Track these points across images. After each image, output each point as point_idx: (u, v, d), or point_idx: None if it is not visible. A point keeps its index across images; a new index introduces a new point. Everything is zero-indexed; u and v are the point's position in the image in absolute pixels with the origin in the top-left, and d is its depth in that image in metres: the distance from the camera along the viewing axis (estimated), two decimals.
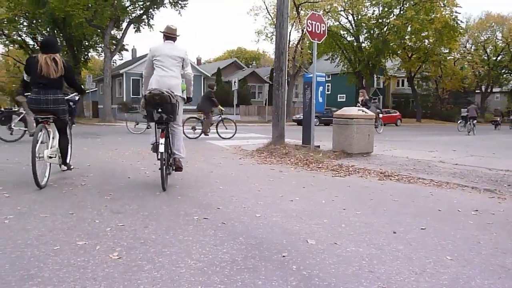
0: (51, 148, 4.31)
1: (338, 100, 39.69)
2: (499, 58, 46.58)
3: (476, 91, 49.92)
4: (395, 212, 3.47)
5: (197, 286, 1.94)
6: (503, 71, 48.21)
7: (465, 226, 3.08)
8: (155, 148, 4.47)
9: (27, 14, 26.97)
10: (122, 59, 38.02)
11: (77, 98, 5.40)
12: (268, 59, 58.47)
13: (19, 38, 31.89)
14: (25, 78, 4.38)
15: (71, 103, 5.09)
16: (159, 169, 4.10)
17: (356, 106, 10.78)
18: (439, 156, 7.43)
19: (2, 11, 27.44)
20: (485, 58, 46.29)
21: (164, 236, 2.67)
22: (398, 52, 35.57)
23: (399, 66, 40.52)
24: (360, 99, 16.10)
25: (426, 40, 33.86)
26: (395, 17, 31.70)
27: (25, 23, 29.78)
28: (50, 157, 4.24)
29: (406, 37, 33.17)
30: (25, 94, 5.48)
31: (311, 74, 7.90)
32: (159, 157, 4.10)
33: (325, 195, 4.13)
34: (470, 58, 44.91)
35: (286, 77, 8.29)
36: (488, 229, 3.00)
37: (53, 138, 4.43)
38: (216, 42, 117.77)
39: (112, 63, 28.47)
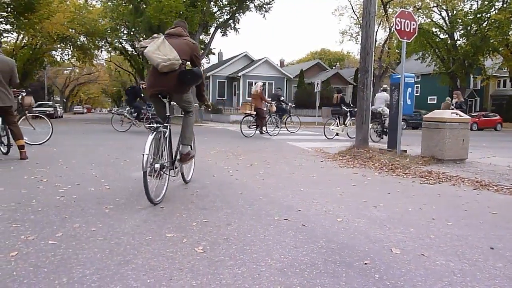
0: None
1: (428, 102, 37.23)
2: None
3: None
4: (493, 226, 3.15)
5: (277, 286, 1.96)
6: None
7: None
8: None
9: (127, 23, 29.59)
10: (209, 63, 39.89)
11: None
12: (352, 60, 56.99)
13: (119, 45, 35.19)
14: None
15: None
16: None
17: (450, 109, 10.01)
18: None
19: (106, 21, 30.55)
20: None
21: (245, 234, 2.74)
22: (500, 49, 32.18)
23: (500, 64, 36.65)
24: (454, 101, 14.91)
25: None
26: (497, 11, 28.78)
27: (125, 32, 32.74)
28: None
29: (510, 33, 29.89)
30: None
31: (399, 75, 7.52)
32: None
33: (412, 203, 3.90)
34: None
35: (372, 78, 7.99)
36: None
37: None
38: (300, 44, 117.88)
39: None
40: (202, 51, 27.43)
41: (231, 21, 26.65)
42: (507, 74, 38.17)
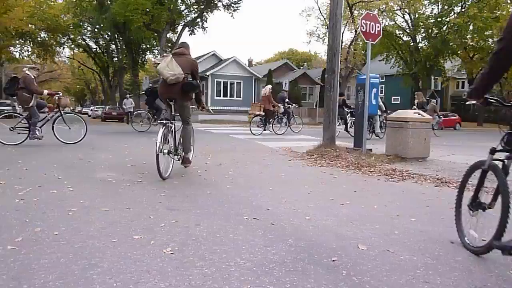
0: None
1: (392, 102, 38.35)
2: None
3: None
4: (453, 221, 3.28)
5: (247, 285, 1.96)
6: None
7: None
8: None
9: (91, 19, 28.77)
10: None
11: None
12: (319, 61, 57.84)
13: (83, 42, 34.12)
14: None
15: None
16: None
17: (412, 109, 10.37)
18: None
19: (69, 17, 29.55)
20: None
21: (215, 234, 2.73)
22: (459, 52, 33.64)
23: (459, 67, 38.34)
24: (416, 101, 15.48)
25: (490, 39, 31.76)
26: (456, 15, 30.06)
27: (88, 28, 31.83)
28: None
29: (468, 37, 31.27)
30: None
31: (365, 75, 7.71)
32: None
33: (378, 200, 4.01)
34: None
35: (338, 79, 8.15)
36: None
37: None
38: (268, 44, 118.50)
39: None
40: (169, 49, 27.08)
41: (199, 19, 26.46)
42: (465, 76, 40.00)
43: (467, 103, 2.67)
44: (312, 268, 2.20)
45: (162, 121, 4.87)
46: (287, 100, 14.69)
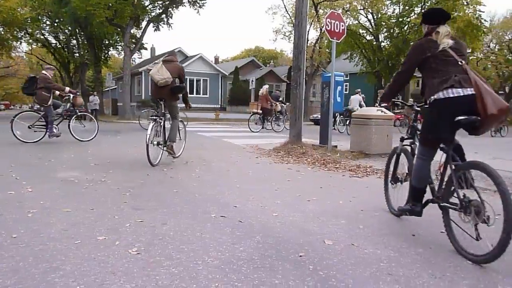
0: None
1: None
2: None
3: (500, 92, 48.64)
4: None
5: (215, 283, 1.96)
6: None
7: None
8: None
9: (49, 13, 27.59)
10: (141, 58, 38.57)
11: None
12: (286, 58, 58.30)
13: (42, 37, 32.67)
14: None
15: None
16: None
17: (375, 106, 10.69)
18: (468, 158, 7.28)
19: (26, 11, 28.20)
20: (510, 58, 45.08)
21: (182, 233, 2.70)
22: None
23: None
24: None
25: None
26: (416, 15, 31.15)
27: (47, 22, 30.49)
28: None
29: None
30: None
31: (330, 74, 7.85)
32: None
33: (343, 195, 4.10)
34: (494, 58, 43.78)
35: (304, 76, 8.25)
36: None
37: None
38: (234, 41, 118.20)
39: (131, 61, 28.90)
40: (134, 45, 26.46)
41: (164, 15, 25.96)
42: None
43: (381, 105, 3.55)
44: (280, 264, 2.22)
45: (152, 117, 5.68)
46: (280, 99, 15.47)
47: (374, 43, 34.18)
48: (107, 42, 31.68)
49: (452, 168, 2.63)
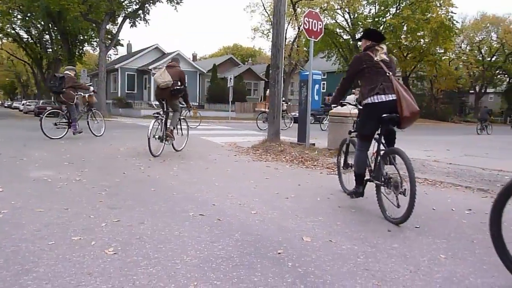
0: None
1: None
2: (493, 59, 46.94)
3: (470, 91, 50.26)
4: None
5: (193, 282, 1.94)
6: (497, 71, 48.59)
7: (459, 225, 3.11)
8: None
9: (21, 7, 26.69)
10: (117, 54, 37.86)
11: None
12: (264, 56, 58.39)
13: (13, 32, 31.60)
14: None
15: None
16: None
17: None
18: (434, 155, 7.48)
19: None
20: (480, 58, 46.60)
21: (160, 232, 2.67)
22: (394, 51, 35.60)
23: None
24: (355, 97, 16.30)
25: (422, 40, 34.00)
26: (391, 16, 31.79)
27: (19, 16, 29.50)
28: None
29: (402, 37, 33.28)
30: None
31: (307, 72, 7.90)
32: None
33: (321, 193, 4.14)
34: (465, 58, 45.16)
35: (282, 75, 8.28)
36: (482, 229, 3.02)
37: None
38: (212, 38, 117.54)
39: (107, 58, 28.33)
40: (109, 41, 25.95)
41: (140, 11, 25.54)
42: (400, 74, 42.39)
43: (332, 106, 4.28)
44: (259, 261, 2.23)
45: (155, 114, 6.45)
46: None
47: (351, 42, 34.66)
48: (81, 37, 30.97)
49: (379, 153, 3.40)
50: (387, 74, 3.33)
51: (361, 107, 3.59)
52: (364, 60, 3.43)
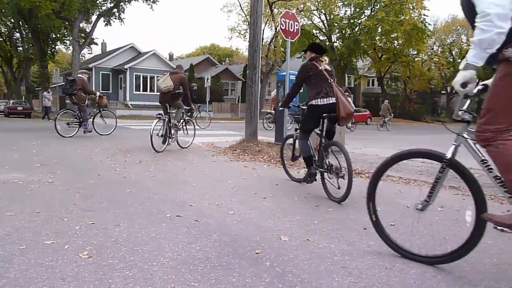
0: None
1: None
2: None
3: (442, 92, 51.72)
4: (366, 209, 3.54)
5: (171, 284, 1.92)
6: None
7: (432, 222, 3.19)
8: None
9: None
10: (91, 53, 37.06)
11: None
12: (241, 56, 58.32)
13: None
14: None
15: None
16: None
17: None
18: None
19: None
20: (451, 60, 48.01)
21: (136, 235, 2.63)
22: (369, 52, 36.32)
23: (369, 66, 41.39)
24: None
25: (396, 41, 34.77)
26: (366, 18, 32.36)
27: None
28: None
29: (377, 38, 33.95)
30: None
31: (284, 72, 7.95)
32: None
33: (298, 192, 4.17)
34: (437, 60, 46.45)
35: (260, 75, 8.30)
36: (454, 225, 3.12)
37: None
38: (189, 38, 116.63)
39: (80, 57, 27.69)
40: (83, 40, 25.37)
41: (115, 10, 25.08)
42: (374, 74, 43.31)
43: (280, 109, 4.91)
44: (237, 262, 2.23)
45: (157, 115, 7.08)
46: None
47: (327, 43, 35.08)
48: (54, 36, 30.13)
49: (321, 146, 4.13)
50: (329, 81, 4.03)
51: (305, 107, 4.29)
52: (311, 68, 4.11)
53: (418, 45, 33.85)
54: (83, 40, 25.63)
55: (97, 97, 10.04)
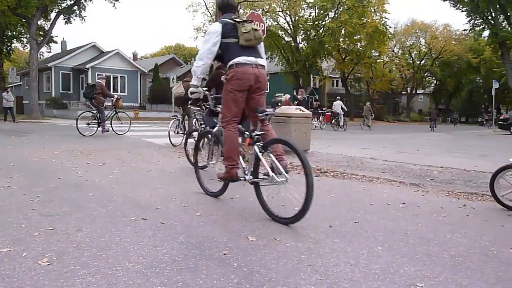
0: None
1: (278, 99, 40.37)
2: (422, 62, 50.46)
3: (403, 92, 53.63)
4: (331, 207, 3.62)
5: None
6: (425, 74, 52.33)
7: (394, 219, 3.30)
8: None
9: None
10: (50, 52, 35.63)
11: None
12: None
13: None
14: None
15: None
16: None
17: (294, 105, 11.22)
18: (371, 153, 7.87)
19: None
20: (410, 62, 49.88)
21: (99, 239, 2.55)
22: (333, 53, 37.07)
23: (333, 67, 42.27)
24: (299, 97, 16.77)
25: (359, 43, 35.71)
26: (330, 20, 33.01)
27: None
28: None
29: (340, 40, 34.73)
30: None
31: None
32: None
33: (265, 192, 4.18)
34: (398, 61, 48.14)
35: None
36: (414, 220, 3.24)
37: None
38: (153, 38, 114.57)
39: (39, 56, 26.58)
40: (41, 38, 24.36)
41: (75, 7, 24.26)
42: (339, 75, 44.24)
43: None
44: (204, 263, 2.21)
45: (173, 116, 8.49)
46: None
47: (293, 44, 35.53)
48: (9, 33, 28.75)
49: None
50: None
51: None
52: (221, 74, 4.49)
53: (380, 47, 34.95)
54: (42, 38, 24.60)
55: (114, 100, 11.07)
